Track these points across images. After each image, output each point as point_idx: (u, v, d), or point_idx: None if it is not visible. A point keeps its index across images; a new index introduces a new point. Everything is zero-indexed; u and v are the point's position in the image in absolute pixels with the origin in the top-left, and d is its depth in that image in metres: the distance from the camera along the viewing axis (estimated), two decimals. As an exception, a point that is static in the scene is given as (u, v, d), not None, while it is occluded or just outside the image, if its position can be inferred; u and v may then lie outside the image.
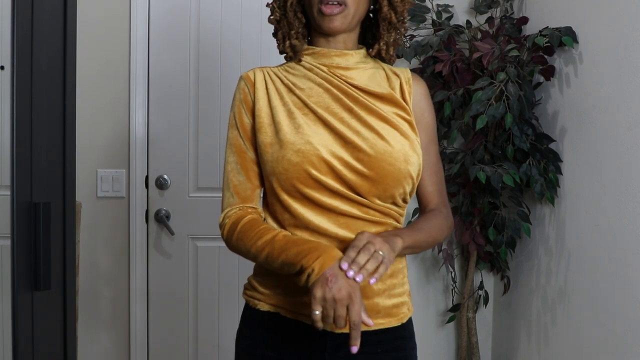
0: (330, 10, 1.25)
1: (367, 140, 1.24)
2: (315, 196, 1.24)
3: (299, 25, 1.33)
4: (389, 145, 1.24)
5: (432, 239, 1.30)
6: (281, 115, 1.27)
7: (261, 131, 1.28)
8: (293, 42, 1.32)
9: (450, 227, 1.37)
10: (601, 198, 1.93)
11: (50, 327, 1.23)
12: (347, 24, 1.28)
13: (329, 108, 1.27)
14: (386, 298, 1.29)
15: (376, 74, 1.34)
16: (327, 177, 1.23)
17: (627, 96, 1.80)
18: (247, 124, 1.31)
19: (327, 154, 1.23)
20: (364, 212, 1.26)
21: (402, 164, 1.24)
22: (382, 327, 1.29)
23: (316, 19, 1.28)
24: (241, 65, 2.53)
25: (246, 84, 1.33)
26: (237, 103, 1.33)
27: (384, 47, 1.34)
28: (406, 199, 1.31)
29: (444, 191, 1.38)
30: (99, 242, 2.51)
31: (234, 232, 1.28)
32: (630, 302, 1.78)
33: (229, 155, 1.33)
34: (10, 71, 1.15)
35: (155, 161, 2.54)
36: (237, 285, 2.55)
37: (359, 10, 1.29)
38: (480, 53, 2.17)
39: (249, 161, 1.31)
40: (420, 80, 1.38)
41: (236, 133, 1.32)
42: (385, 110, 1.28)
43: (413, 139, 1.28)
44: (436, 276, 2.62)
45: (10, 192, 1.15)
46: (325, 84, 1.30)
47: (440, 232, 1.33)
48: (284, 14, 1.34)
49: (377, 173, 1.23)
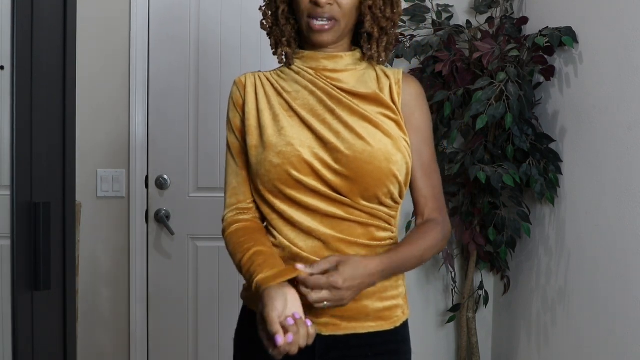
0: (321, 27, 1.26)
1: (346, 141, 1.25)
2: (298, 197, 1.25)
3: (291, 31, 1.33)
4: (368, 145, 1.24)
5: (419, 262, 1.29)
6: (267, 118, 1.29)
7: (248, 134, 1.31)
8: (285, 49, 1.34)
9: (447, 236, 1.34)
10: (601, 198, 1.92)
11: (50, 327, 1.23)
12: (337, 37, 1.29)
13: (313, 110, 1.28)
14: (376, 301, 1.28)
15: (366, 75, 1.34)
16: (309, 178, 1.25)
17: (627, 96, 1.80)
18: (240, 127, 1.34)
19: (308, 155, 1.25)
20: (349, 213, 1.26)
21: (383, 162, 1.24)
22: (372, 330, 1.28)
23: (306, 32, 1.29)
24: (241, 65, 2.53)
25: (238, 88, 1.35)
26: (231, 107, 1.36)
27: (375, 54, 1.33)
28: (395, 200, 1.30)
29: (440, 195, 1.36)
30: (99, 242, 2.51)
31: (225, 238, 1.34)
32: (630, 302, 1.78)
33: (229, 157, 1.37)
34: (10, 71, 1.15)
35: (155, 161, 2.54)
36: (237, 285, 2.54)
37: (349, 23, 1.30)
38: (480, 53, 2.17)
39: (243, 157, 1.34)
40: (412, 81, 1.36)
41: (233, 136, 1.36)
42: (369, 111, 1.28)
43: (397, 138, 1.27)
44: (436, 276, 2.62)
45: (10, 192, 1.15)
46: (310, 86, 1.31)
47: (432, 250, 1.31)
48: (275, 21, 1.34)
49: (355, 173, 1.24)
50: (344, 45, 1.34)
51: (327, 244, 1.25)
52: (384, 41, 1.33)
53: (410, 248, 1.27)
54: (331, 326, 1.27)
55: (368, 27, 1.30)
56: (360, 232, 1.27)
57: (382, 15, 1.30)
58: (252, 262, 1.21)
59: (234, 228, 1.31)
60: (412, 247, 1.27)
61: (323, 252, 1.25)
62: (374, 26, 1.30)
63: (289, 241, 1.27)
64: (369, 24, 1.30)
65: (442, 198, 1.36)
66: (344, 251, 1.25)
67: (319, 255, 1.24)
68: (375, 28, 1.31)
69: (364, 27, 1.31)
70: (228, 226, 1.33)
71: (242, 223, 1.32)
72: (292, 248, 1.27)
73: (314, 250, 1.26)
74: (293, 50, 1.34)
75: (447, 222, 1.35)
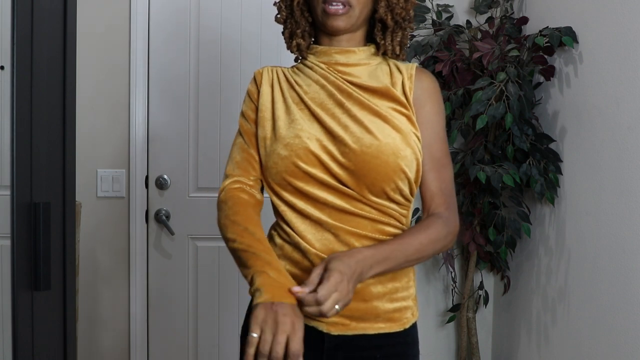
0: (335, 10, 1.26)
1: (353, 135, 1.24)
2: (306, 189, 1.25)
3: (306, 24, 1.35)
4: (376, 139, 1.23)
5: (421, 256, 1.23)
6: (280, 111, 1.31)
7: (260, 125, 1.32)
8: (298, 40, 1.35)
9: (453, 233, 1.29)
10: (601, 198, 1.92)
11: (50, 327, 1.23)
12: (351, 24, 1.29)
13: (323, 104, 1.29)
14: (387, 302, 1.27)
15: (379, 69, 1.34)
16: (316, 170, 1.24)
17: (627, 96, 1.80)
18: (253, 117, 1.36)
19: (316, 147, 1.25)
20: (358, 208, 1.25)
21: (391, 157, 1.23)
22: (381, 331, 1.27)
23: (320, 18, 1.29)
24: (241, 65, 2.53)
25: (255, 79, 1.38)
26: (246, 98, 1.38)
27: (389, 47, 1.33)
28: (406, 197, 1.28)
29: (449, 190, 1.32)
30: (99, 242, 2.51)
31: (223, 210, 1.30)
32: (630, 302, 1.78)
33: (237, 137, 1.38)
34: (10, 71, 1.15)
35: (155, 161, 2.54)
36: (237, 285, 2.55)
37: (364, 11, 1.30)
38: (480, 53, 2.17)
39: (253, 140, 1.35)
40: (426, 75, 1.34)
41: (246, 122, 1.36)
42: (379, 105, 1.28)
43: (408, 133, 1.26)
44: (436, 276, 2.62)
45: (10, 192, 1.15)
46: (321, 80, 1.31)
47: (435, 243, 1.25)
48: (290, 13, 1.36)
49: (362, 167, 1.23)
50: (358, 39, 1.34)
51: (337, 236, 1.24)
52: (399, 35, 1.33)
53: (408, 239, 1.22)
54: (340, 326, 1.26)
55: (382, 14, 1.30)
56: (369, 228, 1.25)
57: (396, 2, 1.30)
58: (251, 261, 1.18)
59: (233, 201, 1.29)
60: (409, 238, 1.22)
61: (333, 245, 1.24)
62: (388, 13, 1.30)
63: (298, 234, 1.26)
64: (382, 10, 1.30)
65: (452, 194, 1.33)
66: (354, 244, 1.24)
67: (329, 249, 1.24)
68: (389, 15, 1.30)
69: (378, 13, 1.31)
70: (228, 198, 1.30)
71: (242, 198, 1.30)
72: (301, 243, 1.25)
73: (324, 244, 1.24)
74: (307, 44, 1.36)
75: (454, 218, 1.31)
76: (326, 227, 1.25)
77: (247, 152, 1.34)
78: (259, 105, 1.34)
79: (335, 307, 1.07)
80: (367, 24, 1.35)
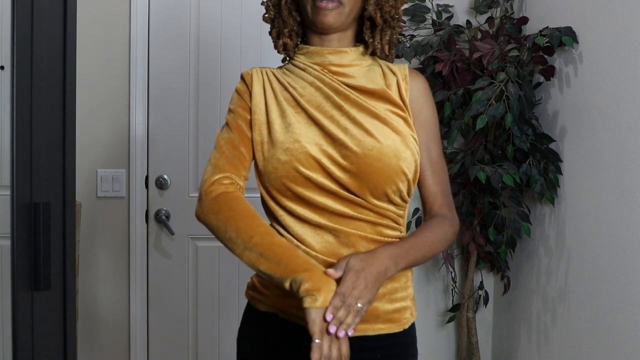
0: (325, 5, 1.24)
1: (354, 138, 1.23)
2: (306, 194, 1.23)
3: (294, 24, 1.33)
4: (377, 142, 1.23)
5: (432, 253, 1.27)
6: (274, 114, 1.28)
7: (255, 129, 1.29)
8: (285, 40, 1.33)
9: (456, 232, 1.33)
10: (601, 198, 1.92)
11: (50, 327, 1.23)
12: (341, 21, 1.27)
13: (320, 106, 1.27)
14: (387, 302, 1.27)
15: (372, 71, 1.33)
16: (317, 175, 1.23)
17: (627, 96, 1.80)
18: (245, 117, 1.31)
19: (316, 151, 1.23)
20: (358, 211, 1.25)
21: (392, 159, 1.23)
22: (381, 332, 1.27)
23: (310, 15, 1.28)
24: (241, 64, 2.53)
25: (244, 80, 1.34)
26: (235, 96, 1.34)
27: (378, 46, 1.32)
28: (404, 198, 1.28)
29: (448, 191, 1.35)
30: (98, 242, 2.51)
31: (218, 208, 1.26)
32: (630, 302, 1.78)
33: (226, 131, 1.31)
34: (10, 71, 1.15)
35: (155, 161, 2.54)
36: (237, 285, 2.55)
37: (354, 9, 1.29)
38: (480, 53, 2.17)
39: (244, 138, 1.29)
40: (419, 76, 1.35)
41: (235, 119, 1.31)
42: (377, 107, 1.27)
43: (406, 135, 1.26)
44: (436, 276, 2.62)
45: (10, 192, 1.15)
46: (317, 82, 1.29)
47: (443, 242, 1.29)
48: (278, 12, 1.34)
49: (364, 170, 1.22)
50: (349, 39, 1.33)
51: (337, 238, 1.24)
52: (388, 34, 1.32)
53: (420, 239, 1.24)
54: None
55: (371, 11, 1.29)
56: (369, 230, 1.25)
57: (385, 1, 1.29)
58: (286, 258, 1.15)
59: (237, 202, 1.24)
60: (421, 238, 1.24)
61: (333, 247, 1.24)
62: (377, 11, 1.29)
63: (297, 237, 1.25)
64: (372, 7, 1.29)
65: (450, 194, 1.35)
66: (355, 245, 1.24)
67: (330, 251, 1.23)
68: (378, 14, 1.29)
69: (367, 11, 1.30)
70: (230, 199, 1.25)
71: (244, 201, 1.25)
72: (300, 247, 1.24)
73: (325, 246, 1.24)
74: (294, 43, 1.34)
75: (456, 218, 1.34)
76: (326, 229, 1.24)
77: (237, 150, 1.29)
78: (252, 107, 1.30)
79: (357, 304, 1.08)
80: (356, 23, 1.34)
